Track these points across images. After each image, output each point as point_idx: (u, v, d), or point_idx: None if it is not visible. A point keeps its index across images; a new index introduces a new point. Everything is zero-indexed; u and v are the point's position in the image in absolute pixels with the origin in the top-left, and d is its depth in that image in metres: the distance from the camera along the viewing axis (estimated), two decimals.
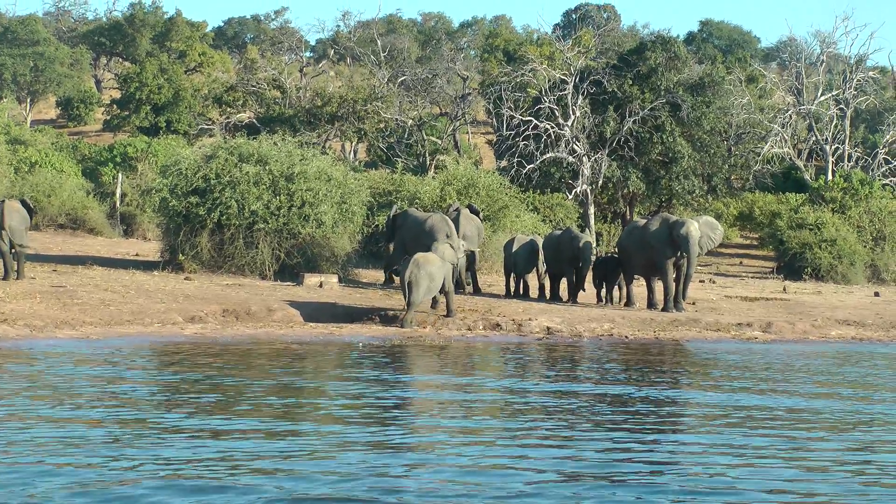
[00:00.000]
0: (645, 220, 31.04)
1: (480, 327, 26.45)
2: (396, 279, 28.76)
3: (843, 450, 13.48)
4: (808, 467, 12.40)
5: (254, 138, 33.43)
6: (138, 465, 11.52)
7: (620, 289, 30.88)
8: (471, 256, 30.47)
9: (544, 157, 45.69)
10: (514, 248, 30.63)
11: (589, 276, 30.68)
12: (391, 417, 14.98)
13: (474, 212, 31.54)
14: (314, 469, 11.52)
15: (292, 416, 14.77)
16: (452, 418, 15.09)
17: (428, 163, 52.93)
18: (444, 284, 26.47)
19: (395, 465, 11.87)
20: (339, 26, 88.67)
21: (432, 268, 26.09)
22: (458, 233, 29.40)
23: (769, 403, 16.83)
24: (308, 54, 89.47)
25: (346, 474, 11.32)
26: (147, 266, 31.13)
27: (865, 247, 44.49)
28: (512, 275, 30.93)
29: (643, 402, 16.80)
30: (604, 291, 30.79)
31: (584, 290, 30.55)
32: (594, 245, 32.29)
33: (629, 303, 30.36)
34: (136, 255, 34.70)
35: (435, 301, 27.13)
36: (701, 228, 29.89)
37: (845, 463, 12.70)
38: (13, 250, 26.88)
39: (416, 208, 32.49)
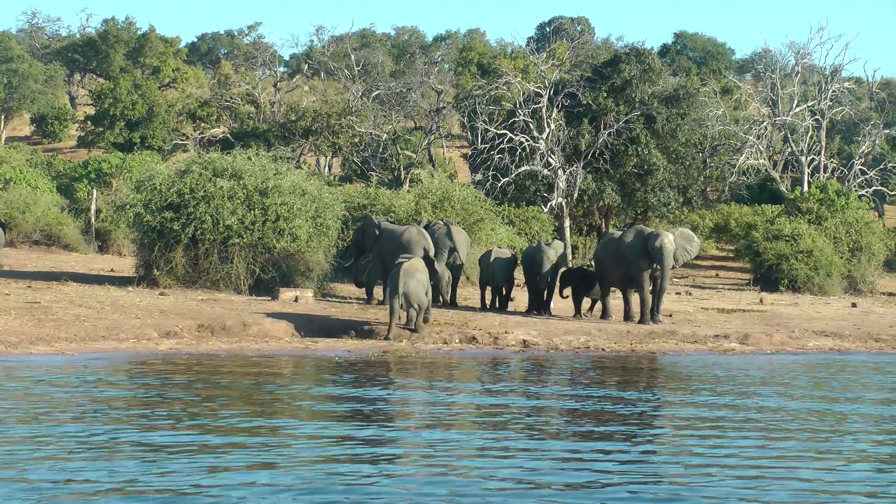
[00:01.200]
0: (620, 233, 31.00)
1: (456, 341, 26.34)
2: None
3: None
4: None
5: (228, 153, 33.26)
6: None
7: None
8: (456, 270, 30.45)
9: (519, 170, 45.53)
10: (491, 260, 30.56)
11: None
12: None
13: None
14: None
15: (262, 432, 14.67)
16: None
17: (403, 177, 52.87)
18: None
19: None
20: (312, 41, 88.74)
21: (420, 275, 26.11)
22: (455, 246, 29.54)
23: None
24: (282, 69, 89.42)
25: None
26: (122, 282, 30.99)
27: (842, 258, 44.50)
28: (488, 288, 30.87)
29: (626, 411, 16.75)
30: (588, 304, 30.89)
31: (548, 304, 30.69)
32: (569, 257, 32.20)
33: (605, 315, 30.30)
34: (111, 270, 34.55)
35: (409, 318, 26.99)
36: (677, 240, 29.85)
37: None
38: None
39: (389, 220, 32.24)
